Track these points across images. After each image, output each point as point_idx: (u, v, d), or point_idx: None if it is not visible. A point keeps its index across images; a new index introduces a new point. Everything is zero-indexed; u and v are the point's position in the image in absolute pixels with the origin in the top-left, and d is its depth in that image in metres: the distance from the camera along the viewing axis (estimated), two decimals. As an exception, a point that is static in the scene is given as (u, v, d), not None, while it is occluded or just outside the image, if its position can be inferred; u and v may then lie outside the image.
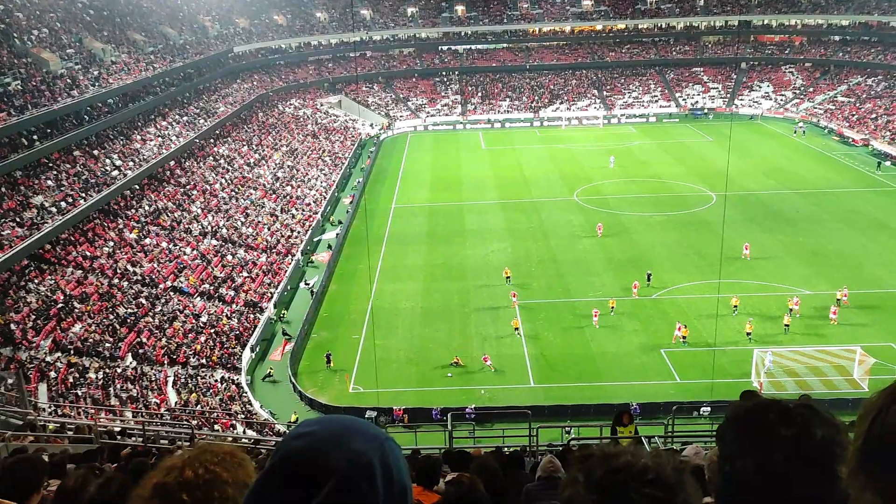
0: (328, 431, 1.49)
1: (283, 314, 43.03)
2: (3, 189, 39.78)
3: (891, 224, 51.86)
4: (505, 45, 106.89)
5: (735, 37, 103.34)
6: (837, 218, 53.55)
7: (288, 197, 61.42)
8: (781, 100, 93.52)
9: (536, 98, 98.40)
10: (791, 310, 38.33)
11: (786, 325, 37.54)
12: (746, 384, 31.77)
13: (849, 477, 1.51)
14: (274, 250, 50.62)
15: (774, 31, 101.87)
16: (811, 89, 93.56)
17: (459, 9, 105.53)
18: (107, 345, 34.62)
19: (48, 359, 31.81)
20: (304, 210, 59.64)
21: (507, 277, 44.54)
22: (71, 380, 30.85)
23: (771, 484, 1.65)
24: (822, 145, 75.48)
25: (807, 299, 39.84)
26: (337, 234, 54.88)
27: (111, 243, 43.94)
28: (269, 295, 44.30)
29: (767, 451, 1.67)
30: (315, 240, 54.80)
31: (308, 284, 46.58)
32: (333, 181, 68.06)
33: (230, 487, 1.90)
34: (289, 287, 46.56)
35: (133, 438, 16.38)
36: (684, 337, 36.30)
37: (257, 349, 39.13)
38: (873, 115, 79.81)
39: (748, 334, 36.20)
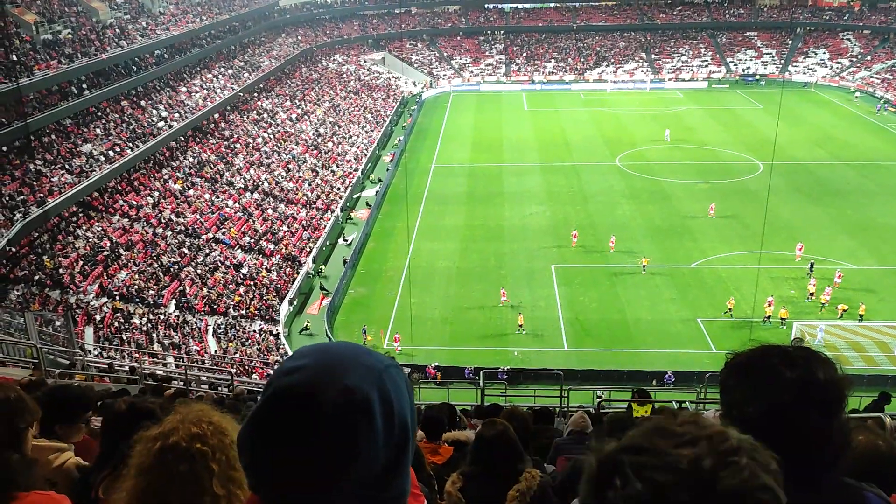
0: (321, 364, 1.38)
1: (322, 269, 43.60)
2: (53, 136, 40.72)
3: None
4: (552, 4, 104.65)
5: (792, 0, 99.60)
6: (888, 191, 51.98)
7: (329, 153, 61.70)
8: (837, 67, 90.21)
9: (582, 60, 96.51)
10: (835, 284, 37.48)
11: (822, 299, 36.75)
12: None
13: None
14: (314, 206, 51.09)
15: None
16: (869, 57, 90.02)
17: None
18: (151, 292, 35.56)
19: (94, 303, 32.82)
20: (344, 167, 59.90)
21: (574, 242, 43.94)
22: (116, 324, 31.84)
23: (779, 425, 1.70)
24: (876, 116, 72.89)
25: (851, 273, 38.96)
26: (376, 192, 55.09)
27: (156, 193, 44.80)
28: (308, 250, 44.88)
29: (775, 394, 1.71)
30: (354, 196, 55.10)
31: (346, 241, 47.02)
32: (374, 139, 68.08)
33: (232, 434, 1.97)
34: (327, 242, 47.07)
35: (174, 383, 16.92)
36: (730, 309, 35.64)
37: (295, 302, 39.80)
38: (934, 86, 76.68)
39: (782, 320, 35.31)
